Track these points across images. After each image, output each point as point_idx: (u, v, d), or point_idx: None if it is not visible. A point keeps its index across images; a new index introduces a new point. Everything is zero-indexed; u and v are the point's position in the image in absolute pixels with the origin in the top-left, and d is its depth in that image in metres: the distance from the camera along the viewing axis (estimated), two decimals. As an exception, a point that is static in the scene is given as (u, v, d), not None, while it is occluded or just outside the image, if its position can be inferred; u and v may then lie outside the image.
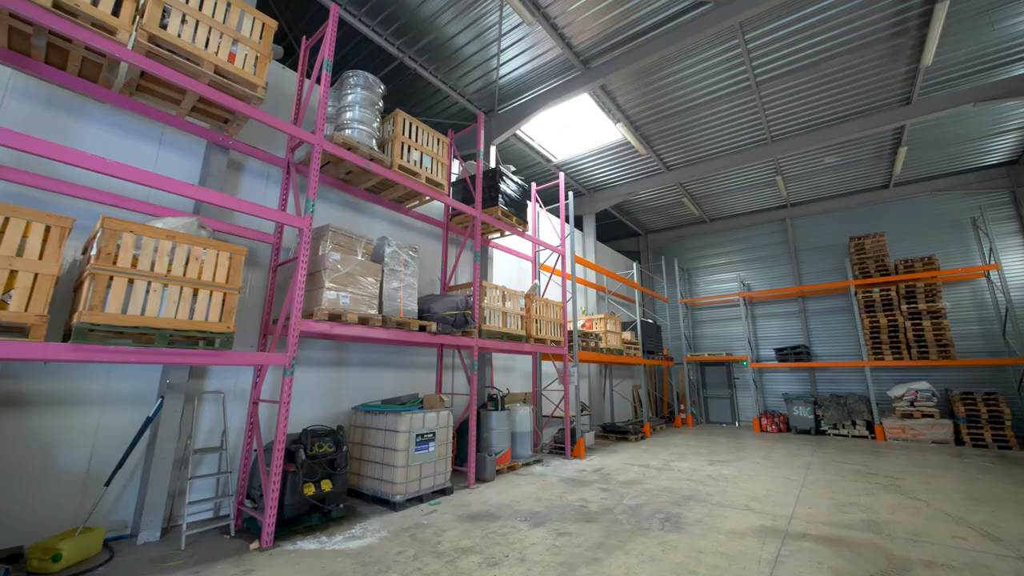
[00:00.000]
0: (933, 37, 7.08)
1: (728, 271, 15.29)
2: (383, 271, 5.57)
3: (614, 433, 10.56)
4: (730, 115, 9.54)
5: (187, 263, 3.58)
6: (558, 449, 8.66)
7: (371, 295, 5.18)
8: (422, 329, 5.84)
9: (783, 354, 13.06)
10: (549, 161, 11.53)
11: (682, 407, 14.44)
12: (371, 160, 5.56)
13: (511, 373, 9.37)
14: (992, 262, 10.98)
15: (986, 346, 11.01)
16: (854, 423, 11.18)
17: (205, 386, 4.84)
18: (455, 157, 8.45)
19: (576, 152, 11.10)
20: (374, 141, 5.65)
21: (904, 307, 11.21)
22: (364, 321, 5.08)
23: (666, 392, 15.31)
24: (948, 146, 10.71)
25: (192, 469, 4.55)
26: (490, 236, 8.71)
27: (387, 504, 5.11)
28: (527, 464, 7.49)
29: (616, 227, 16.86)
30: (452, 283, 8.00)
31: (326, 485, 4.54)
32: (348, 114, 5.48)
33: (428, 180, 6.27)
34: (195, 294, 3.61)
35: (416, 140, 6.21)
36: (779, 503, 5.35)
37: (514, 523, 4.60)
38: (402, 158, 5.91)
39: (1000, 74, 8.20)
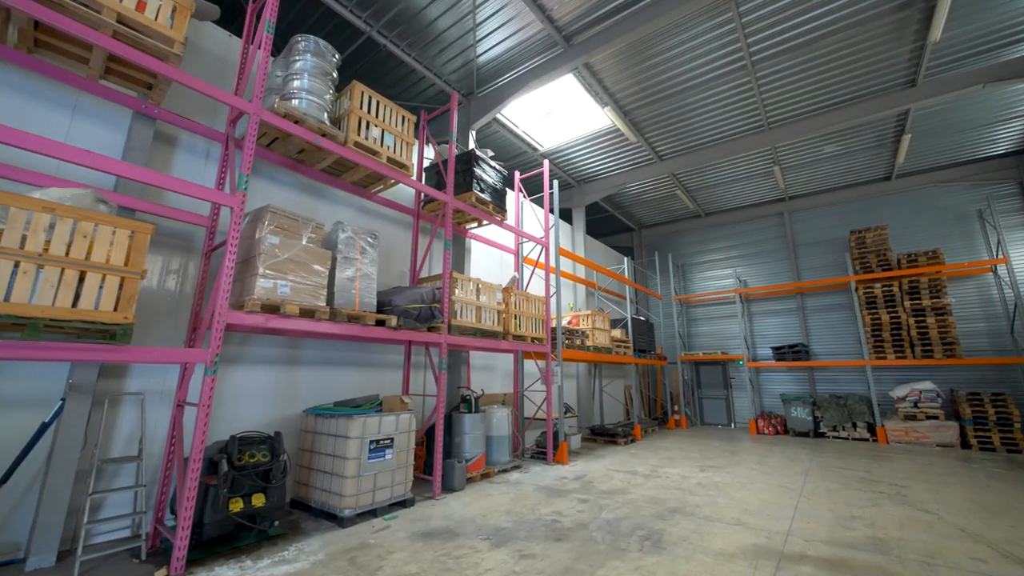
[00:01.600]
0: (942, 9, 6.54)
1: (724, 267, 14.75)
2: (335, 259, 5.01)
3: (602, 436, 10.01)
4: (724, 99, 8.98)
5: (71, 241, 3.02)
6: (540, 454, 8.11)
7: (318, 285, 4.61)
8: (380, 324, 5.28)
9: (781, 353, 12.52)
10: (535, 150, 10.97)
11: (676, 408, 13.90)
12: (322, 135, 5.00)
13: (492, 372, 8.82)
14: (999, 256, 10.45)
15: (993, 344, 10.48)
16: (855, 425, 10.64)
17: (124, 386, 4.27)
18: (428, 142, 7.89)
19: (563, 140, 10.54)
20: (326, 115, 5.08)
21: (907, 303, 10.67)
22: (309, 313, 4.52)
23: (659, 393, 14.77)
24: (953, 134, 10.18)
25: (102, 481, 4.00)
26: (468, 226, 8.15)
27: (334, 519, 4.55)
28: (504, 471, 6.93)
29: (608, 222, 16.31)
30: (424, 276, 7.43)
31: (258, 500, 3.98)
32: (295, 83, 4.92)
33: (390, 160, 5.70)
34: (82, 278, 3.04)
35: (377, 116, 5.64)
36: (774, 516, 4.80)
37: (474, 542, 4.04)
38: (359, 134, 5.34)
39: (1013, 52, 7.66)
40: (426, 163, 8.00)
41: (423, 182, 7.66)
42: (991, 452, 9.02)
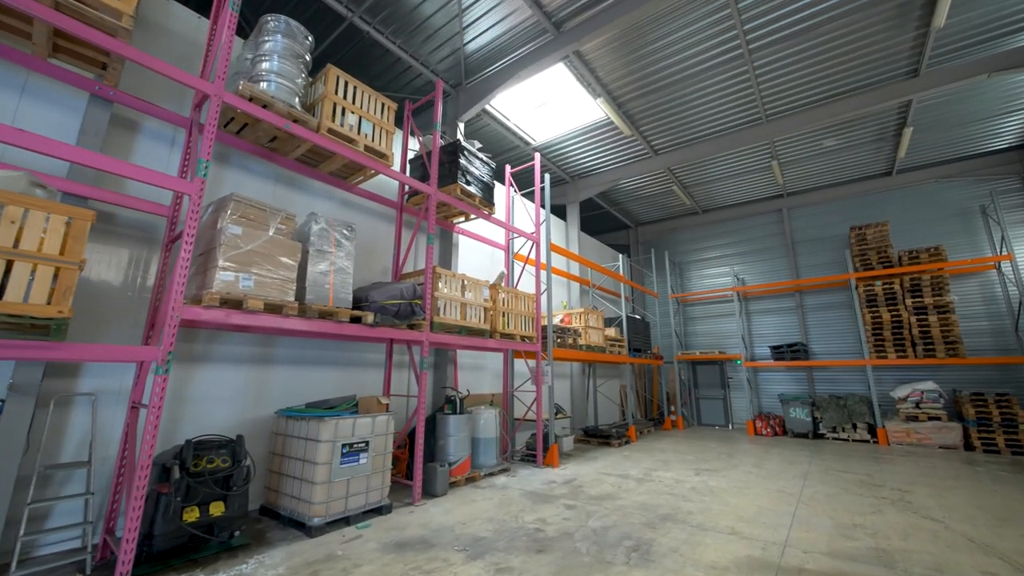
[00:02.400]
0: (946, -6, 6.28)
1: (722, 265, 14.49)
2: (308, 252, 4.73)
3: (596, 437, 9.74)
4: (721, 89, 8.71)
5: (-4, 227, 2.74)
6: (530, 456, 7.83)
7: (286, 279, 4.34)
8: (356, 321, 5.01)
9: (779, 352, 12.26)
10: (528, 144, 10.70)
11: (672, 409, 13.63)
12: (293, 121, 4.72)
13: (481, 372, 8.54)
14: (1003, 252, 10.19)
15: (997, 343, 10.22)
16: (855, 426, 10.38)
17: (76, 386, 3.99)
18: (413, 133, 7.61)
19: (556, 133, 10.27)
20: (297, 99, 4.81)
21: (909, 301, 10.41)
22: (276, 309, 4.24)
23: (656, 393, 14.51)
24: (955, 127, 9.92)
25: (49, 489, 3.74)
26: (455, 221, 7.87)
27: (303, 528, 4.27)
28: (491, 474, 6.66)
29: (604, 219, 16.04)
30: (408, 271, 7.15)
31: (216, 508, 3.71)
32: (263, 64, 4.64)
33: (368, 149, 5.42)
34: (8, 267, 2.77)
35: (353, 102, 5.36)
36: (771, 524, 4.54)
37: (448, 553, 3.77)
38: (333, 121, 5.07)
39: (1019, 40, 7.39)
40: (412, 155, 7.73)
41: (408, 174, 7.39)
42: (995, 454, 8.76)
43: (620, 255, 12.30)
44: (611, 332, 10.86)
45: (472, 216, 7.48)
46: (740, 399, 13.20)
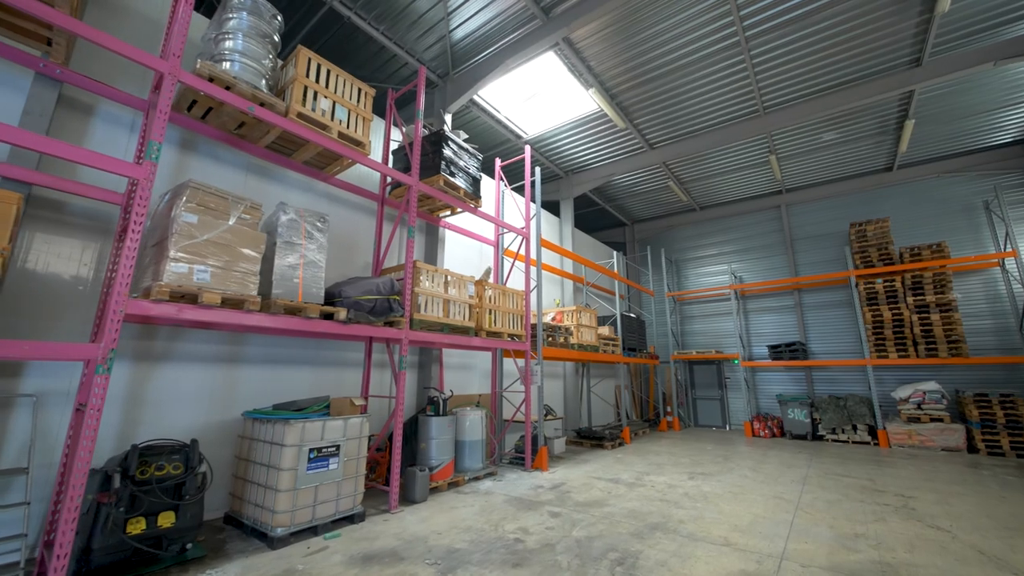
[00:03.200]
0: (951, -23, 6.01)
1: (719, 262, 14.20)
2: (275, 243, 4.45)
3: (589, 439, 9.46)
4: (717, 80, 8.43)
5: (-101, 208, 2.45)
6: (519, 459, 7.54)
7: (248, 272, 4.05)
8: (328, 317, 4.72)
9: (777, 351, 11.98)
10: (519, 138, 10.41)
11: (668, 409, 13.35)
12: (259, 104, 4.44)
13: (470, 372, 8.26)
14: (1007, 249, 9.92)
15: (1000, 342, 9.95)
16: (855, 427, 10.11)
17: (17, 387, 3.70)
18: (396, 124, 7.32)
19: (548, 126, 9.97)
20: (264, 81, 4.52)
21: (910, 299, 10.13)
22: (236, 304, 3.95)
23: (652, 393, 14.22)
24: (958, 120, 9.64)
25: (-19, 499, 3.44)
26: (441, 215, 7.59)
27: (265, 539, 3.98)
28: (475, 479, 6.38)
29: (600, 216, 15.76)
30: (389, 266, 6.86)
31: (166, 519, 3.42)
32: (227, 43, 4.35)
33: (342, 136, 5.13)
34: (-86, 254, 2.48)
35: (327, 86, 5.07)
36: (768, 534, 4.25)
37: (417, 568, 3.48)
38: (304, 105, 4.78)
39: (1025, 28, 7.13)
40: (395, 146, 7.45)
41: (391, 166, 7.10)
42: (1000, 457, 8.49)
43: (615, 252, 12.01)
44: (605, 331, 10.58)
45: (458, 210, 7.19)
46: (737, 400, 12.92)
